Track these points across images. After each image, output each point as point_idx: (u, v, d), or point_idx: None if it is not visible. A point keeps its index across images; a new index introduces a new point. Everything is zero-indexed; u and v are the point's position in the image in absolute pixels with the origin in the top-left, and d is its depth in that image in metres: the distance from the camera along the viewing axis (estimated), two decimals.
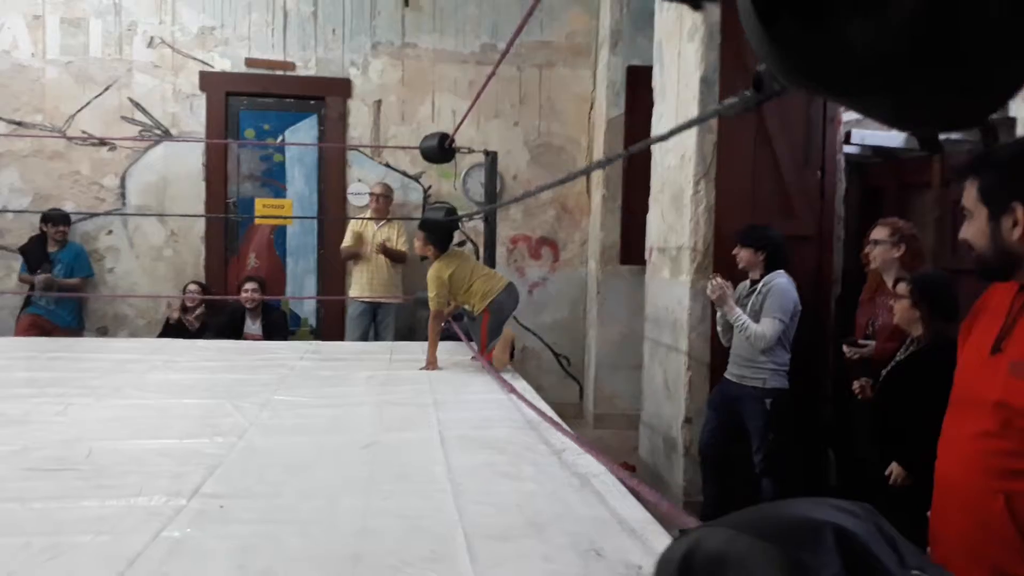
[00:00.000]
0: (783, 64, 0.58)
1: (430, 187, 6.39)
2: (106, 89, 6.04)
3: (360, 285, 6.03)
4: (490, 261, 5.29)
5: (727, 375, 3.74)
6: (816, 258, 4.18)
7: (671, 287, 4.34)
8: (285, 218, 6.32)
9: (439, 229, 4.09)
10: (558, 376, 6.43)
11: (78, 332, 5.79)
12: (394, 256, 5.92)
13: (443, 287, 3.97)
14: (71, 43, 6.04)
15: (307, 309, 6.50)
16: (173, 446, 2.46)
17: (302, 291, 6.41)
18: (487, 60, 6.21)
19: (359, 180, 6.33)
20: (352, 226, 6.04)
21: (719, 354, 3.94)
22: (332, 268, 6.33)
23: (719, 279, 3.60)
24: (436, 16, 6.34)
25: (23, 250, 5.80)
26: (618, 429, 5.69)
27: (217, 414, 2.90)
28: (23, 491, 1.98)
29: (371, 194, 6.12)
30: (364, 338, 5.92)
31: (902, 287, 2.98)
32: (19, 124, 5.94)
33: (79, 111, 6.03)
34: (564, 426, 2.66)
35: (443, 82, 6.35)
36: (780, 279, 3.58)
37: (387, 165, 6.35)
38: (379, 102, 6.35)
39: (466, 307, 4.14)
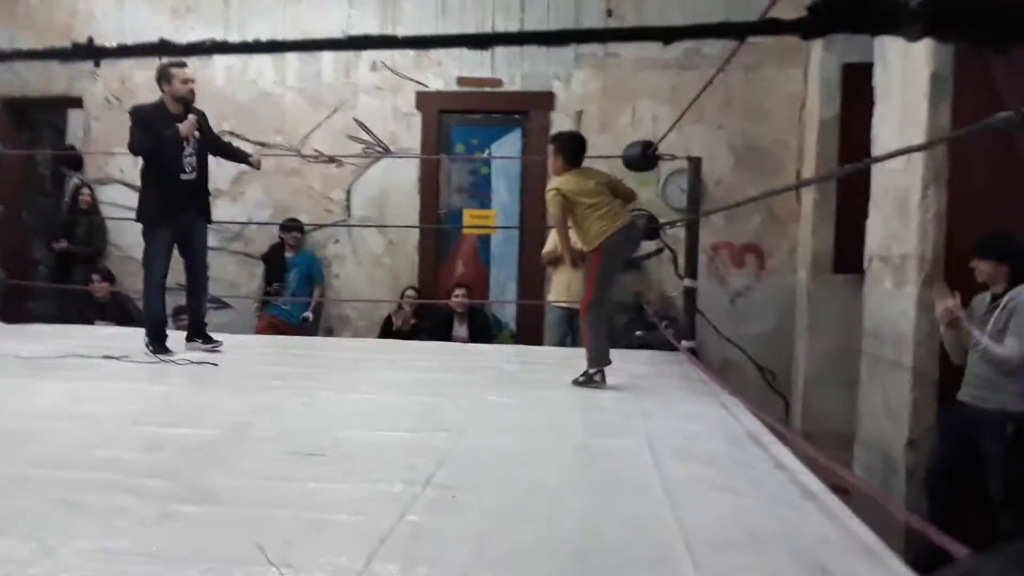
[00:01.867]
0: None
1: None
2: (335, 111, 6.64)
3: (558, 291, 6.16)
4: (691, 271, 5.22)
5: (961, 396, 3.44)
6: None
7: (894, 299, 4.06)
8: (490, 227, 6.61)
9: (571, 140, 3.83)
10: (762, 391, 6.20)
11: (309, 332, 6.40)
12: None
13: (559, 206, 3.63)
14: (306, 71, 6.70)
15: (508, 314, 6.75)
16: (404, 438, 2.67)
17: (504, 296, 6.67)
18: (690, 64, 6.14)
19: None
20: (553, 233, 6.19)
21: (949, 372, 3.63)
22: (532, 275, 6.53)
23: (951, 302, 3.32)
24: (639, 24, 6.36)
25: (264, 257, 6.51)
26: (828, 449, 5.39)
27: (439, 411, 3.11)
28: (286, 472, 2.25)
29: None
30: (562, 343, 6.04)
31: None
32: (263, 144, 6.67)
33: (312, 131, 6.67)
34: (796, 442, 2.59)
35: (644, 89, 6.36)
36: None
37: None
38: (580, 112, 6.47)
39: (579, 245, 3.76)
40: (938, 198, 3.76)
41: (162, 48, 0.89)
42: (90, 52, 1.01)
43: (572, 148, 3.77)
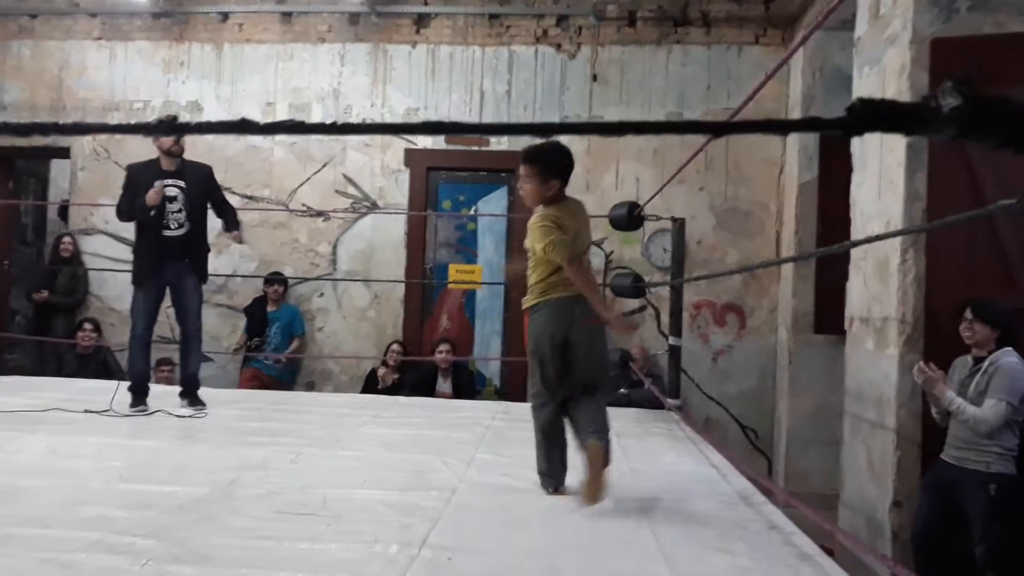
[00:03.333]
0: None
1: (612, 252, 6.51)
2: (323, 166, 6.71)
3: None
4: (676, 329, 5.28)
5: (944, 457, 3.48)
6: None
7: (876, 360, 4.13)
8: (476, 283, 6.65)
9: (563, 157, 2.79)
10: (744, 450, 6.22)
11: (290, 386, 6.35)
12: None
13: (558, 232, 2.70)
14: None
15: (492, 369, 6.74)
16: (395, 497, 2.65)
17: (488, 352, 6.67)
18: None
19: None
20: None
21: (932, 433, 3.68)
22: (517, 330, 6.55)
23: (927, 365, 3.40)
24: (623, 88, 6.54)
25: (247, 310, 6.48)
26: (811, 509, 5.40)
27: (428, 469, 3.09)
28: (278, 531, 2.22)
29: None
30: None
31: None
32: (251, 198, 6.70)
33: (300, 186, 6.73)
34: (796, 503, 2.61)
35: (627, 150, 6.50)
36: (1009, 358, 3.32)
37: None
38: None
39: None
40: (917, 262, 3.86)
41: (242, 126, 0.93)
42: (172, 128, 1.05)
43: (565, 169, 2.80)
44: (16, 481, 2.68)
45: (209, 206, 4.40)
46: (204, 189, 4.36)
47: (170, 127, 0.99)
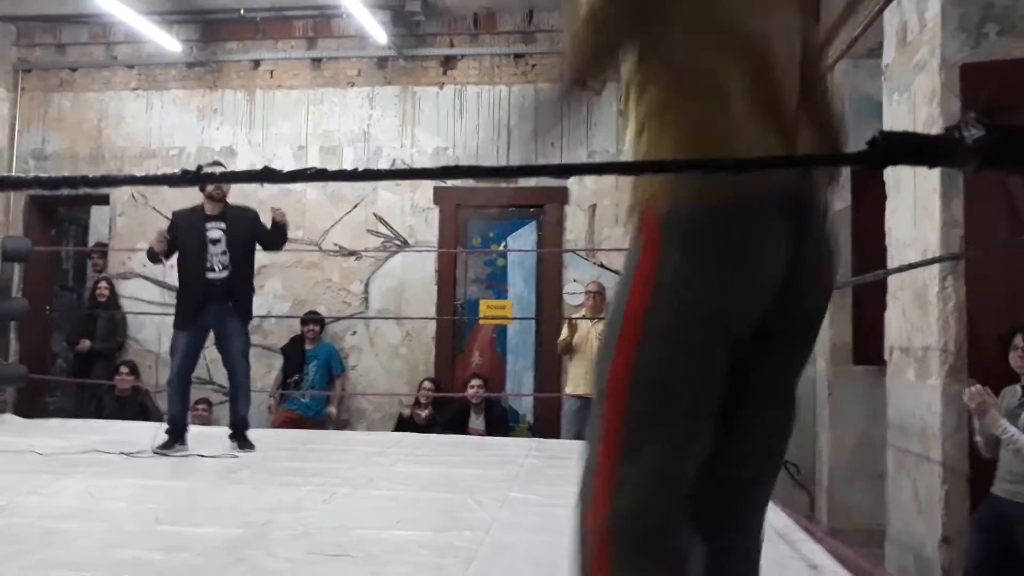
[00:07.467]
0: None
1: None
2: (355, 207, 6.80)
3: (575, 381, 6.13)
4: None
5: (995, 491, 3.36)
6: None
7: (918, 391, 4.03)
8: (507, 318, 6.64)
9: None
10: (786, 485, 6.06)
11: (324, 424, 6.36)
12: None
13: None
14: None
15: (525, 405, 6.70)
16: (429, 538, 2.62)
17: (520, 388, 6.64)
18: None
19: (574, 280, 6.56)
20: (569, 322, 6.22)
21: (979, 466, 3.56)
22: (549, 366, 6.52)
23: (978, 386, 3.30)
24: None
25: (284, 350, 6.54)
26: (857, 545, 5.23)
27: (461, 508, 3.06)
28: (312, 573, 2.21)
29: (587, 292, 6.29)
30: (580, 436, 5.96)
31: None
32: None
33: (332, 226, 6.81)
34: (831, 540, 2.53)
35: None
36: None
37: (601, 265, 6.53)
38: (594, 206, 6.61)
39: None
40: (957, 289, 3.77)
41: (265, 175, 0.94)
42: (197, 178, 1.06)
43: None
44: (53, 524, 2.71)
45: (259, 247, 4.50)
46: (248, 232, 4.44)
47: (195, 177, 1.00)
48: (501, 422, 6.12)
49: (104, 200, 7.26)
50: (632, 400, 1.14)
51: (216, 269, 4.29)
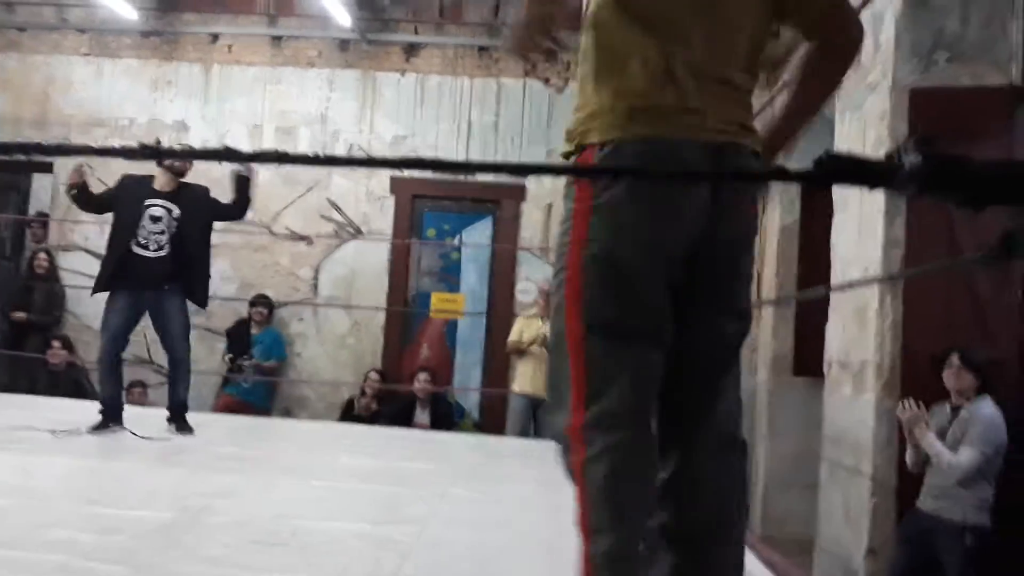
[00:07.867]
0: None
1: None
2: (308, 190, 6.71)
3: (523, 380, 6.17)
4: None
5: (920, 505, 3.48)
6: (1019, 385, 3.87)
7: (853, 405, 4.15)
8: (458, 312, 6.64)
9: None
10: None
11: (267, 412, 6.27)
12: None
13: None
14: (282, 148, 6.78)
15: (471, 401, 6.71)
16: (367, 530, 2.61)
17: (468, 383, 6.64)
18: None
19: (527, 279, 6.58)
20: (519, 322, 6.24)
21: (908, 481, 3.69)
22: (497, 362, 6.53)
23: (911, 402, 3.42)
24: None
25: (229, 332, 6.42)
26: (788, 554, 5.37)
27: (401, 502, 3.05)
28: (248, 561, 2.18)
29: (540, 291, 6.32)
30: (524, 433, 6.01)
31: None
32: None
33: (284, 209, 6.71)
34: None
35: None
36: (987, 408, 3.35)
37: None
38: (550, 205, 6.63)
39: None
40: (895, 308, 3.89)
41: (226, 155, 0.92)
42: (156, 152, 1.04)
43: None
44: None
45: (217, 223, 4.38)
46: (203, 211, 4.25)
47: (152, 152, 0.98)
48: (447, 417, 6.12)
49: (48, 168, 7.02)
50: (589, 342, 1.38)
51: (149, 247, 4.06)
